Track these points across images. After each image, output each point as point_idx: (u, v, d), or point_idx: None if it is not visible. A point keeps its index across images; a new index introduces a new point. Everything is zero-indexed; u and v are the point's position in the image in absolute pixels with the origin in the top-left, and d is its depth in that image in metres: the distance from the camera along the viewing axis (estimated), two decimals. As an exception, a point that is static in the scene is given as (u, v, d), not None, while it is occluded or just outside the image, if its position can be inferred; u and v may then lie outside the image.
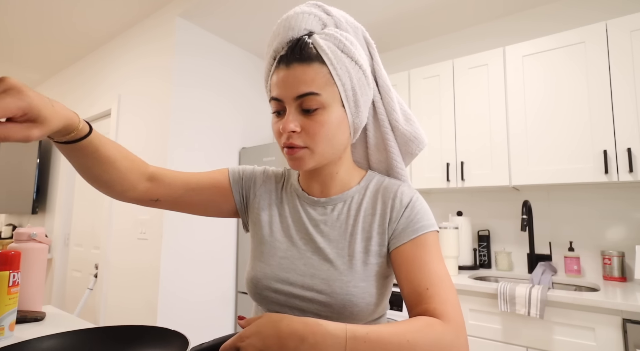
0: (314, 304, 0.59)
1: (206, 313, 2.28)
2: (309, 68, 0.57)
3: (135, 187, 0.65)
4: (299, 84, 0.57)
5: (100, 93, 2.81)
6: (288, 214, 0.69)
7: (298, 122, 0.58)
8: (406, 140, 0.68)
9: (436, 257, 0.59)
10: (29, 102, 0.42)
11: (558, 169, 1.69)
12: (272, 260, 0.64)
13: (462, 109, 2.01)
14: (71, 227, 2.99)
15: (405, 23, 2.34)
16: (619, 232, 1.78)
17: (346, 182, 0.68)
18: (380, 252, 0.62)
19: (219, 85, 2.48)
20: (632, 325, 1.26)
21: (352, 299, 0.58)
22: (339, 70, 0.58)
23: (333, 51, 0.58)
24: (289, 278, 0.62)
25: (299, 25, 0.59)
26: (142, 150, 2.32)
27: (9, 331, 0.79)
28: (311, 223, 0.66)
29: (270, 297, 0.62)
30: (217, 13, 2.22)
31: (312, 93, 0.57)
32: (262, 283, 0.63)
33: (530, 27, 2.14)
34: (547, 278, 1.63)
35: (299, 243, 0.65)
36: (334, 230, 0.64)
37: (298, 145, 0.59)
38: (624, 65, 1.58)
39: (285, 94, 0.58)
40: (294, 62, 0.57)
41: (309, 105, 0.57)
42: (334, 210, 0.66)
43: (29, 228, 1.02)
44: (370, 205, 0.65)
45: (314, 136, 0.58)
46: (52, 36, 2.73)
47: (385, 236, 0.62)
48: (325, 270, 0.61)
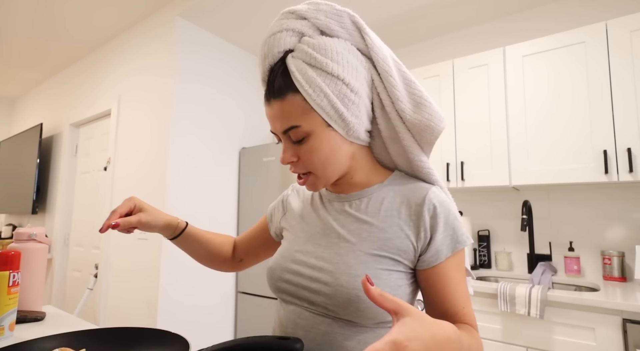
0: (320, 296, 0.59)
1: (206, 314, 2.28)
2: (284, 102, 0.57)
3: (227, 256, 0.84)
4: (279, 120, 0.58)
5: (100, 93, 2.81)
6: (309, 212, 0.71)
7: (292, 151, 0.60)
8: (418, 130, 0.62)
9: (464, 275, 0.61)
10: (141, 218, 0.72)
11: (558, 169, 1.69)
12: (287, 253, 0.67)
13: (462, 109, 2.01)
14: (71, 227, 2.99)
15: (405, 23, 2.34)
16: (619, 232, 1.78)
17: (365, 182, 0.66)
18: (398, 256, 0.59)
19: (218, 85, 2.48)
20: (632, 325, 1.26)
21: (359, 294, 0.55)
22: (312, 95, 0.55)
23: (303, 72, 0.55)
24: (299, 270, 0.63)
25: (272, 51, 0.58)
26: (142, 150, 2.33)
27: (9, 331, 0.79)
28: (329, 217, 0.66)
29: (282, 287, 0.64)
30: (217, 13, 2.22)
31: (292, 126, 0.57)
32: (276, 274, 0.65)
33: (530, 27, 2.14)
34: (547, 278, 1.63)
35: (315, 238, 0.66)
36: (350, 225, 0.63)
37: (301, 172, 0.62)
38: (624, 65, 1.58)
39: (274, 129, 0.61)
40: (271, 99, 0.58)
41: (295, 137, 0.58)
42: (352, 206, 0.65)
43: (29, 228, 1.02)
44: (393, 206, 0.62)
45: (309, 163, 0.60)
46: (52, 36, 2.73)
47: (409, 244, 0.59)
48: (335, 263, 0.60)
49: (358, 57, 0.59)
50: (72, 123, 3.05)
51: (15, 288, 0.81)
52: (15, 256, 0.83)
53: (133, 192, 2.34)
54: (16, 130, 4.10)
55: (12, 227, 3.61)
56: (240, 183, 2.56)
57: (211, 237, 0.82)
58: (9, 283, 0.80)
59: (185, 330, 2.15)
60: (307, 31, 0.58)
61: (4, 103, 4.26)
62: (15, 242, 1.01)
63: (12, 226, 3.63)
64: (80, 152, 3.02)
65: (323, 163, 0.59)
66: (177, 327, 2.12)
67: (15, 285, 0.81)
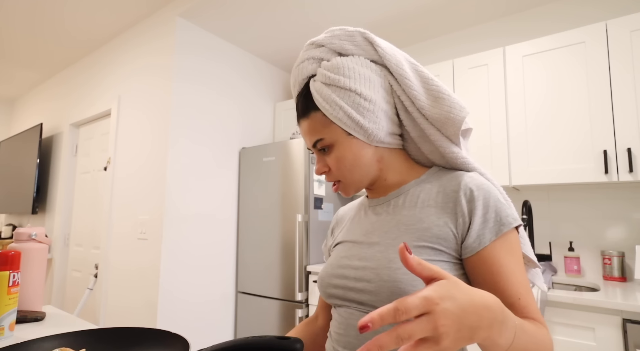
0: (365, 294, 0.60)
1: (206, 314, 2.28)
2: (309, 120, 0.66)
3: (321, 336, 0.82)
4: (308, 135, 0.67)
5: (100, 93, 2.81)
6: (354, 223, 0.74)
7: (324, 162, 0.67)
8: (441, 123, 0.63)
9: (520, 261, 0.56)
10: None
11: (558, 169, 1.69)
12: (334, 261, 0.69)
13: (462, 109, 2.00)
14: (71, 227, 2.99)
15: (405, 23, 2.34)
16: (619, 232, 1.78)
17: (400, 182, 0.69)
18: (439, 245, 0.57)
19: (219, 85, 2.48)
20: (632, 325, 1.26)
21: (400, 286, 0.55)
22: (329, 109, 0.63)
23: (320, 92, 0.63)
24: (344, 273, 0.65)
25: (298, 79, 0.69)
26: (142, 150, 2.33)
27: (9, 331, 0.79)
28: (369, 221, 0.69)
29: (332, 293, 0.66)
30: (218, 13, 2.22)
31: (318, 140, 0.65)
32: (325, 281, 0.68)
33: (530, 27, 2.14)
34: (547, 278, 1.63)
35: (357, 242, 0.68)
36: (389, 223, 0.65)
37: (333, 180, 0.68)
38: (624, 65, 1.58)
39: (307, 145, 0.69)
40: (300, 119, 0.68)
41: (322, 148, 0.66)
42: (390, 205, 0.68)
43: (29, 228, 1.02)
44: (430, 197, 0.62)
45: (337, 171, 0.66)
46: (52, 36, 2.73)
47: (448, 231, 0.57)
48: (377, 260, 0.61)
49: (372, 68, 0.65)
50: (72, 123, 3.05)
51: (15, 288, 0.81)
52: (15, 256, 0.83)
53: (133, 192, 2.34)
54: (16, 130, 4.10)
55: (12, 227, 3.61)
56: (240, 183, 2.56)
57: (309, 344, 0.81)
58: (9, 283, 0.80)
59: (185, 330, 2.15)
60: (325, 56, 0.67)
61: (4, 103, 4.26)
62: (15, 242, 1.01)
63: (12, 226, 3.63)
64: (80, 152, 3.02)
65: (349, 170, 0.65)
66: (177, 327, 2.12)
67: (15, 285, 0.81)
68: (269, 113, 2.90)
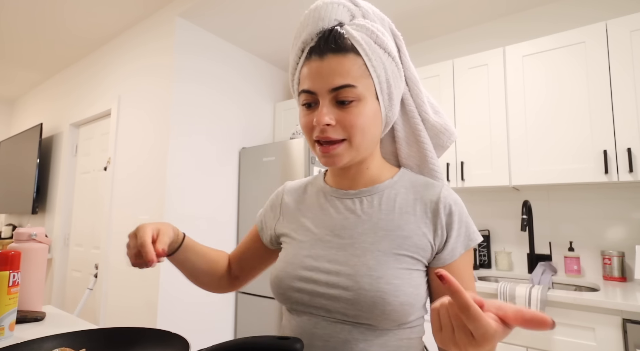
0: (340, 302, 0.56)
1: (206, 314, 2.28)
2: (345, 59, 0.56)
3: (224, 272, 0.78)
4: (334, 75, 0.55)
5: (100, 93, 2.81)
6: (313, 213, 0.66)
7: (333, 114, 0.56)
8: (437, 132, 0.66)
9: (472, 270, 0.62)
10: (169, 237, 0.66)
11: (558, 169, 1.69)
12: (295, 259, 0.62)
13: (462, 109, 2.01)
14: (71, 227, 2.99)
15: (405, 23, 2.34)
16: (619, 232, 1.78)
17: (376, 176, 0.65)
18: (417, 254, 0.58)
19: (219, 85, 2.48)
20: (632, 325, 1.26)
21: (384, 297, 0.54)
22: (374, 62, 0.57)
23: (367, 42, 0.56)
24: (312, 277, 0.59)
25: (329, 15, 0.57)
26: (142, 150, 2.33)
27: (9, 331, 0.79)
28: (339, 217, 0.63)
29: (294, 297, 0.60)
30: (218, 13, 2.22)
31: (348, 85, 0.55)
32: (284, 283, 0.61)
33: (530, 27, 2.14)
34: (547, 278, 1.63)
35: (324, 240, 0.62)
36: (364, 224, 0.61)
37: (335, 138, 0.57)
38: (624, 65, 1.58)
39: (320, 86, 0.56)
40: (328, 53, 0.56)
41: (344, 97, 0.56)
42: (363, 203, 0.63)
43: (29, 228, 1.02)
44: (407, 203, 0.62)
45: (350, 128, 0.56)
46: (52, 36, 2.73)
47: (427, 243, 0.59)
48: (352, 265, 0.57)
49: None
50: (72, 123, 3.05)
51: (15, 288, 0.81)
52: (15, 256, 0.83)
53: (133, 192, 2.34)
54: (16, 130, 4.10)
55: (12, 227, 3.61)
56: (240, 183, 2.56)
57: (207, 251, 0.76)
58: (9, 283, 0.80)
59: (185, 329, 2.15)
60: (358, 15, 0.60)
61: (4, 103, 4.26)
62: (15, 242, 1.01)
63: (12, 226, 3.63)
64: (80, 152, 3.02)
65: (363, 130, 0.57)
66: (177, 327, 2.11)
67: (15, 285, 0.81)
68: (269, 113, 2.90)
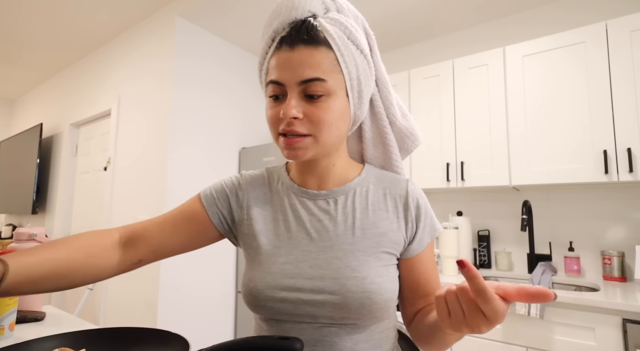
0: (327, 307, 0.55)
1: (206, 314, 2.28)
2: (316, 51, 0.54)
3: (108, 267, 0.59)
4: (304, 67, 0.53)
5: (101, 93, 2.81)
6: (286, 215, 0.63)
7: (300, 108, 0.54)
8: (402, 135, 0.68)
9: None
10: None
11: (558, 169, 1.69)
12: (273, 267, 0.59)
13: (462, 109, 2.01)
14: (71, 227, 2.99)
15: (405, 23, 2.34)
16: (619, 232, 1.78)
17: (344, 174, 0.65)
18: (392, 249, 0.60)
19: (219, 85, 2.48)
20: (632, 325, 1.26)
21: (371, 296, 0.55)
22: (346, 58, 0.55)
23: (340, 37, 0.55)
24: (296, 284, 0.57)
25: (302, 5, 0.55)
26: (142, 150, 2.33)
27: (9, 331, 0.79)
28: (313, 219, 0.62)
29: (275, 308, 0.57)
30: (218, 13, 2.22)
31: (318, 78, 0.53)
32: (265, 294, 0.57)
33: (530, 27, 2.14)
34: (547, 278, 1.63)
35: (301, 244, 0.60)
36: (340, 225, 0.60)
37: (300, 132, 0.55)
38: (624, 65, 1.58)
39: (288, 77, 0.54)
40: (299, 44, 0.54)
41: (313, 91, 0.54)
42: (337, 203, 0.62)
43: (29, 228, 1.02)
44: (378, 199, 0.63)
45: (317, 123, 0.55)
46: (53, 36, 2.73)
47: (401, 237, 0.61)
48: (336, 268, 0.56)
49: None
50: (72, 123, 3.05)
51: (15, 288, 0.81)
52: (15, 256, 0.83)
53: (133, 192, 2.34)
54: (16, 130, 4.10)
55: (12, 227, 3.61)
56: (240, 183, 2.55)
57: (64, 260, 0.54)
58: (9, 283, 0.79)
59: (185, 329, 2.15)
60: (332, 9, 0.58)
61: (4, 103, 4.26)
62: (15, 242, 1.01)
63: (12, 226, 3.63)
64: (80, 152, 3.02)
65: (329, 126, 0.56)
66: (177, 327, 2.12)
67: (15, 285, 0.81)
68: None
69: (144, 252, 0.62)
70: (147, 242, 0.62)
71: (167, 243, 0.63)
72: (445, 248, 1.86)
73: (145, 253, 0.63)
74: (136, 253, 0.62)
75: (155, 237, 0.63)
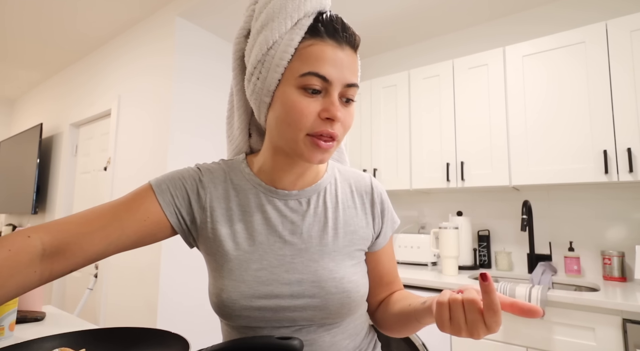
0: (307, 311, 0.55)
1: (206, 314, 2.27)
2: (356, 57, 0.55)
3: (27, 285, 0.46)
4: (351, 70, 0.53)
5: (100, 93, 2.81)
6: (254, 217, 0.59)
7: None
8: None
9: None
10: None
11: (558, 169, 1.69)
12: (246, 275, 0.55)
13: (462, 109, 2.01)
14: (71, 227, 2.99)
15: (405, 23, 2.34)
16: (619, 232, 1.78)
17: (316, 171, 0.63)
18: (363, 246, 0.63)
19: (219, 84, 2.48)
20: (632, 325, 1.26)
21: (350, 295, 0.56)
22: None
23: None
24: (273, 291, 0.54)
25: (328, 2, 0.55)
26: (142, 150, 2.33)
27: (9, 331, 0.79)
28: (285, 221, 0.59)
29: (252, 316, 0.54)
30: (217, 13, 2.22)
31: (356, 85, 0.54)
32: (240, 304, 0.54)
33: (530, 27, 2.14)
34: (547, 278, 1.63)
35: (274, 248, 0.57)
36: (314, 226, 0.59)
37: (337, 135, 0.53)
38: (624, 65, 1.58)
39: (338, 77, 0.51)
40: (346, 45, 0.52)
41: (352, 95, 0.54)
42: (310, 203, 0.60)
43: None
44: (347, 197, 0.65)
45: (346, 128, 0.55)
46: (52, 36, 2.73)
47: (370, 233, 0.64)
48: (313, 271, 0.56)
49: None
50: (72, 123, 3.05)
51: (15, 288, 0.81)
52: (15, 256, 0.83)
53: (133, 192, 2.33)
54: (16, 130, 4.10)
55: (12, 227, 3.61)
56: (240, 183, 2.55)
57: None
58: (9, 283, 0.79)
59: (185, 330, 2.15)
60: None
61: (4, 103, 4.26)
62: (15, 242, 1.01)
63: (12, 226, 3.63)
64: (80, 152, 3.02)
65: (346, 131, 0.56)
66: (177, 327, 2.11)
67: (15, 285, 0.81)
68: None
69: (79, 261, 0.50)
70: (85, 252, 0.50)
71: (111, 248, 0.52)
72: (445, 248, 1.86)
73: (80, 263, 0.51)
74: (68, 264, 0.49)
75: (96, 244, 0.51)
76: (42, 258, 0.47)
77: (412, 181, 2.14)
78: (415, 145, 2.15)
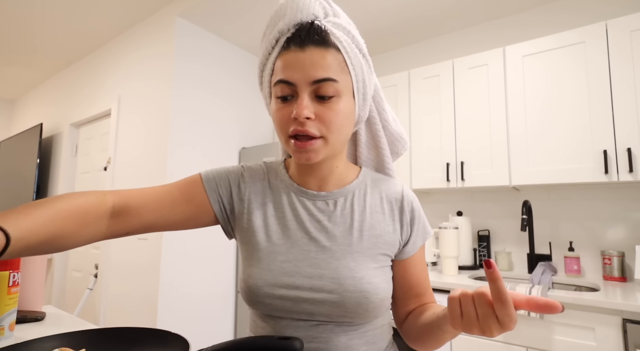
0: (324, 306, 0.57)
1: (206, 314, 2.28)
2: (327, 53, 0.54)
3: (97, 235, 0.56)
4: (316, 67, 0.54)
5: (101, 93, 2.81)
6: (285, 213, 0.64)
7: (312, 108, 0.54)
8: (393, 139, 0.71)
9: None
10: None
11: (558, 169, 1.69)
12: (272, 265, 0.59)
13: (462, 109, 2.01)
14: (71, 227, 2.99)
15: (405, 23, 2.34)
16: (619, 232, 1.78)
17: (344, 176, 0.66)
18: (388, 251, 0.63)
19: (218, 85, 2.48)
20: (632, 325, 1.26)
21: (367, 296, 0.56)
22: (353, 60, 0.57)
23: (345, 40, 0.57)
24: (294, 282, 0.58)
25: (307, 8, 0.55)
26: (142, 150, 2.33)
27: (9, 331, 0.79)
28: (312, 219, 0.63)
29: (273, 304, 0.58)
30: (217, 13, 2.22)
31: (330, 79, 0.54)
32: (263, 291, 0.58)
33: (530, 27, 2.14)
34: (547, 278, 1.63)
35: (300, 243, 0.61)
36: (339, 226, 0.62)
37: (314, 134, 0.55)
38: (624, 65, 1.58)
39: (300, 77, 0.54)
40: (309, 45, 0.54)
41: (325, 92, 0.54)
42: (337, 205, 0.63)
43: (29, 228, 1.02)
44: (375, 202, 0.65)
45: (329, 125, 0.55)
46: (52, 36, 2.73)
47: (396, 239, 0.63)
48: (334, 268, 0.58)
49: None
50: (72, 123, 3.05)
51: (15, 288, 0.81)
52: (15, 256, 0.83)
53: (133, 192, 2.33)
54: (16, 130, 4.10)
55: (12, 227, 3.61)
56: (240, 183, 2.56)
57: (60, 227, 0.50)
58: (9, 283, 0.80)
59: (185, 330, 2.15)
60: (330, 14, 0.58)
61: (4, 103, 4.26)
62: (15, 242, 1.01)
63: (12, 226, 3.62)
64: (80, 152, 3.02)
65: (338, 128, 0.56)
66: (177, 327, 2.12)
67: (15, 285, 0.81)
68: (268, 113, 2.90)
69: (136, 226, 0.60)
70: (141, 217, 0.60)
71: (160, 221, 0.61)
72: (445, 248, 1.86)
73: (136, 227, 0.60)
74: (127, 225, 0.59)
75: (150, 213, 0.60)
76: (111, 215, 0.57)
77: (412, 181, 2.14)
78: (415, 145, 2.15)
